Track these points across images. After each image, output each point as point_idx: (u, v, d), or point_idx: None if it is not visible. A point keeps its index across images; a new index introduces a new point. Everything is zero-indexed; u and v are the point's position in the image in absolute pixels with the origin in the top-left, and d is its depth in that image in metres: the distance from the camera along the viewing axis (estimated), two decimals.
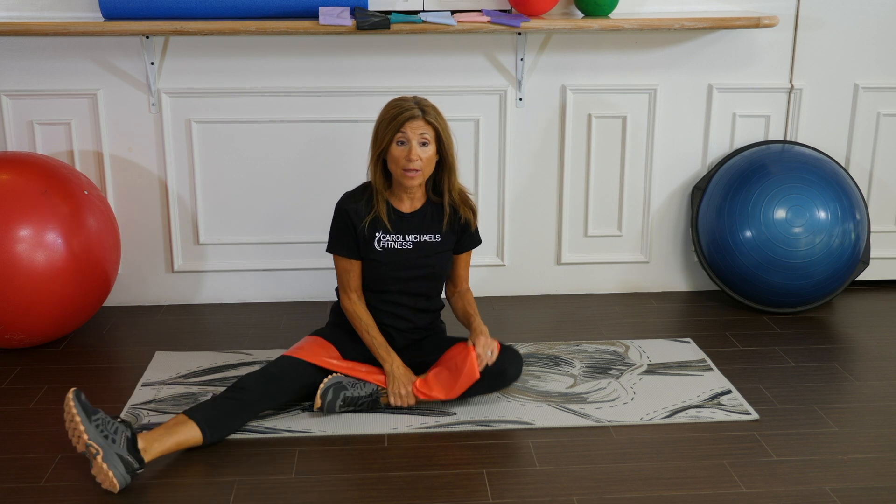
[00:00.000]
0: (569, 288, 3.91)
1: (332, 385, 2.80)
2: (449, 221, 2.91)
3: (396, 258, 2.88)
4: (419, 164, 2.76)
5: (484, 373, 2.80)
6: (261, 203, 3.70)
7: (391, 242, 2.88)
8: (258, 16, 3.40)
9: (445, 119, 2.84)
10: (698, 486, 2.48)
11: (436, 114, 2.80)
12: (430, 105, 2.81)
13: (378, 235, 2.87)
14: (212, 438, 2.61)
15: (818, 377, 3.14)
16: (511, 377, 2.88)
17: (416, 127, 2.76)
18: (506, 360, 2.85)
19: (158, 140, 3.62)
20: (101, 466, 2.39)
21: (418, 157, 2.76)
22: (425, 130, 2.77)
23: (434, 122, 2.78)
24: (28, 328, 3.18)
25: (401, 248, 2.88)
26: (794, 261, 3.56)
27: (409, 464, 2.59)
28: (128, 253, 3.70)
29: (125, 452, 2.43)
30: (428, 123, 2.77)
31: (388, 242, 2.87)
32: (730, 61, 3.73)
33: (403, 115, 2.77)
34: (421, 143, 2.77)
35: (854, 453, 2.65)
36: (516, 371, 2.88)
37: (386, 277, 2.89)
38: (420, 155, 2.76)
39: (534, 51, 3.64)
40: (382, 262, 2.88)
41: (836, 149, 3.87)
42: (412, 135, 2.76)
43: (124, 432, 2.46)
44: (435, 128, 2.78)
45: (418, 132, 2.76)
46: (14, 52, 3.49)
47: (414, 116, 2.77)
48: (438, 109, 2.83)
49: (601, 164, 3.79)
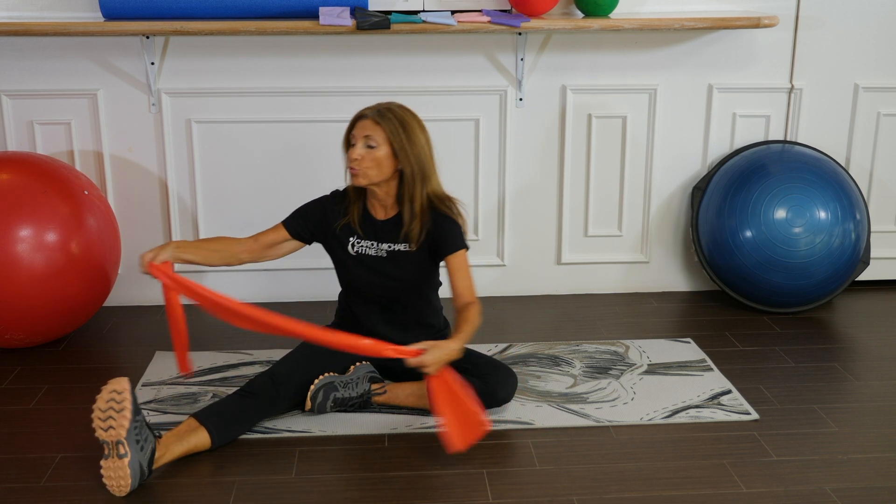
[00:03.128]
0: (569, 288, 3.91)
1: (322, 386, 2.80)
2: (417, 231, 2.78)
3: (370, 264, 2.83)
4: (360, 163, 2.69)
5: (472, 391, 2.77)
6: (261, 203, 3.70)
7: (365, 248, 2.84)
8: (258, 16, 3.40)
9: (417, 128, 2.72)
10: (698, 486, 2.48)
11: (395, 118, 2.69)
12: (395, 111, 2.71)
13: (352, 240, 2.84)
14: (220, 443, 2.62)
15: (818, 377, 3.14)
16: (502, 399, 2.82)
17: (362, 127, 2.70)
18: (498, 381, 2.80)
19: (158, 140, 3.62)
20: (123, 469, 2.37)
21: (359, 156, 2.68)
22: (371, 132, 2.68)
23: (386, 124, 2.68)
24: (28, 328, 3.18)
25: (375, 255, 2.82)
26: (795, 261, 3.56)
27: (409, 464, 2.59)
28: (128, 253, 3.70)
29: (146, 463, 2.43)
30: (377, 124, 2.68)
31: (362, 248, 2.84)
32: (730, 61, 3.73)
33: (355, 116, 2.74)
34: (367, 144, 2.69)
35: (854, 453, 2.65)
36: (507, 393, 2.82)
37: (361, 282, 2.87)
38: (362, 154, 2.68)
39: (534, 51, 3.64)
40: (356, 266, 2.86)
41: (836, 149, 3.87)
42: (358, 134, 2.71)
43: (151, 444, 2.46)
44: (387, 130, 2.68)
45: (364, 132, 2.69)
46: (14, 52, 3.49)
47: (362, 116, 2.72)
48: (407, 117, 2.72)
49: (601, 164, 3.79)
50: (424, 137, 2.74)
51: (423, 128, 2.76)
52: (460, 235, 2.79)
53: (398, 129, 2.69)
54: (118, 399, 2.39)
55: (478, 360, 2.85)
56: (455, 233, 2.78)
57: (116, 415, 2.37)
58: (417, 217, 2.76)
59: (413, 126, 2.72)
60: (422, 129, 2.75)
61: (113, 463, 2.38)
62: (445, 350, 2.54)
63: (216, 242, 2.86)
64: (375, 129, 2.69)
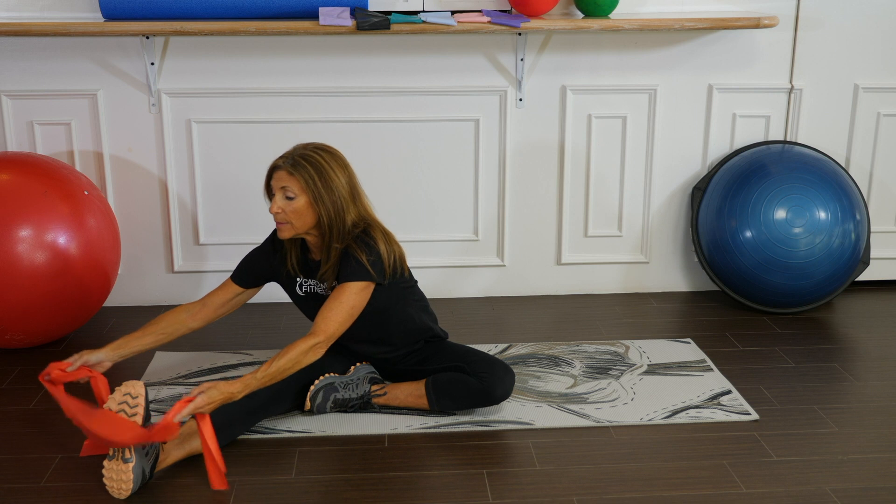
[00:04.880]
0: (569, 288, 3.91)
1: (322, 387, 2.80)
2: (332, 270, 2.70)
3: (319, 302, 2.78)
4: (282, 216, 2.63)
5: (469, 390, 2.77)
6: (261, 203, 3.69)
7: (313, 287, 2.82)
8: (258, 16, 3.40)
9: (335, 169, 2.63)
10: (698, 487, 2.48)
11: (310, 165, 2.60)
12: (309, 158, 2.62)
13: (299, 280, 2.83)
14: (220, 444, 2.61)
15: (818, 377, 3.14)
16: (499, 397, 2.80)
17: (279, 178, 2.63)
18: (495, 379, 2.78)
19: (158, 140, 3.62)
20: (126, 473, 2.37)
21: (280, 209, 2.62)
22: (287, 183, 2.61)
23: (300, 174, 2.60)
24: (28, 328, 3.18)
25: (322, 293, 2.80)
26: (795, 261, 3.56)
27: (409, 464, 2.59)
28: (128, 253, 3.70)
29: (148, 468, 2.43)
30: (291, 175, 2.61)
31: (310, 287, 2.82)
32: (730, 61, 3.73)
33: (271, 166, 2.67)
34: (285, 196, 2.62)
35: (854, 453, 2.65)
36: (504, 391, 2.80)
37: None
38: (283, 207, 2.62)
39: (534, 51, 3.64)
40: (307, 305, 2.85)
41: (836, 149, 3.87)
42: (275, 186, 2.64)
43: (156, 450, 2.46)
44: (302, 180, 2.60)
45: (280, 184, 2.63)
46: (14, 52, 3.49)
47: (277, 167, 2.64)
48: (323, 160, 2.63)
49: (601, 164, 3.79)
50: (344, 176, 2.66)
51: (343, 164, 2.68)
52: (353, 270, 2.64)
53: (313, 176, 2.61)
54: (131, 403, 2.39)
55: (474, 357, 2.85)
56: (349, 267, 2.65)
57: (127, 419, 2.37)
58: (331, 258, 2.69)
59: (329, 170, 2.63)
60: (341, 167, 2.67)
61: (116, 465, 2.38)
62: (220, 392, 2.44)
63: (161, 323, 2.81)
64: (291, 180, 2.62)
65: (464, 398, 2.79)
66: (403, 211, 3.74)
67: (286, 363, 2.54)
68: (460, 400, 2.79)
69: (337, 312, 2.62)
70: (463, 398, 2.79)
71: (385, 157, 3.68)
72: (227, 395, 2.46)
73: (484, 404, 2.81)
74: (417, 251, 3.76)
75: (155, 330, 2.81)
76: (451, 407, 2.81)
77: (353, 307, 2.65)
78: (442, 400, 2.80)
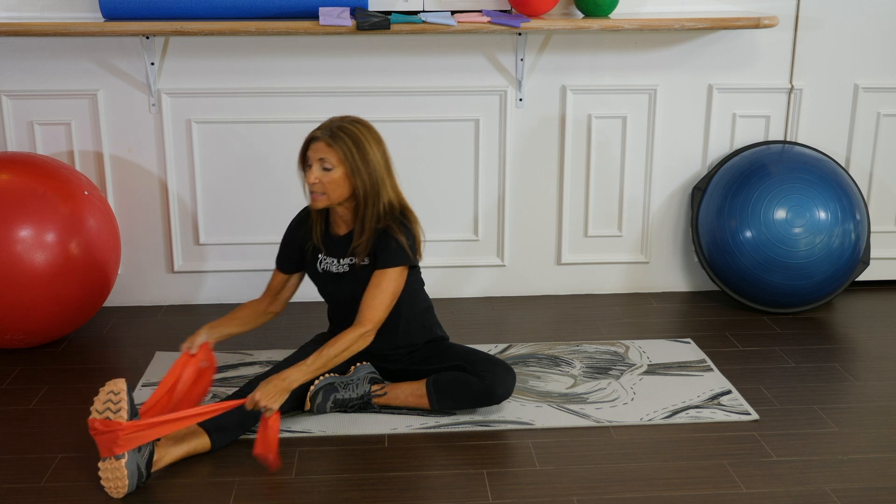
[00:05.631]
0: (569, 288, 3.91)
1: (322, 387, 2.80)
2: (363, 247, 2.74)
3: (333, 280, 2.82)
4: (319, 187, 2.67)
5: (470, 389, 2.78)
6: (261, 203, 3.70)
7: (329, 265, 2.83)
8: (258, 16, 3.40)
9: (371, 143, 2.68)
10: (698, 487, 2.48)
11: (347, 138, 2.65)
12: (347, 129, 2.67)
13: (319, 257, 2.85)
14: (220, 445, 2.62)
15: (818, 377, 3.14)
16: (500, 396, 2.80)
17: (316, 149, 2.67)
18: (496, 378, 2.78)
19: (158, 140, 3.62)
20: (119, 470, 2.37)
21: (317, 179, 2.66)
22: (325, 155, 2.65)
23: (339, 145, 2.64)
24: (28, 328, 3.18)
25: (337, 271, 2.82)
26: (795, 261, 3.56)
27: (409, 464, 2.59)
28: (128, 253, 3.70)
29: (143, 465, 2.43)
30: (330, 147, 2.65)
31: (326, 265, 2.84)
32: (730, 61, 3.73)
33: (308, 137, 2.71)
34: (322, 167, 2.66)
35: (854, 453, 2.65)
36: (505, 391, 2.80)
37: (331, 298, 2.90)
38: (320, 178, 2.66)
39: (534, 51, 3.64)
40: (321, 282, 2.87)
41: (836, 149, 3.87)
42: (313, 157, 2.68)
43: (149, 446, 2.46)
44: (340, 151, 2.65)
45: (318, 155, 2.66)
46: (14, 52, 3.49)
47: (315, 138, 2.68)
48: (360, 133, 2.67)
49: (601, 164, 3.79)
50: (380, 152, 2.70)
51: (379, 141, 2.72)
52: (393, 253, 2.71)
53: (352, 148, 2.65)
54: (115, 400, 2.40)
55: (475, 357, 2.85)
56: (389, 249, 2.71)
57: (113, 416, 2.38)
58: (366, 233, 2.73)
59: (366, 143, 2.67)
60: (377, 141, 2.71)
61: (110, 464, 2.38)
62: (281, 382, 2.55)
63: (243, 311, 2.92)
64: (329, 152, 2.65)
65: (465, 398, 2.79)
66: None
67: (336, 351, 2.65)
68: (461, 399, 2.80)
69: (380, 300, 2.71)
70: (464, 398, 2.79)
71: None
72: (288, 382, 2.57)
73: (485, 404, 2.81)
74: None
75: (239, 317, 2.90)
76: (451, 407, 2.81)
77: (394, 292, 2.74)
78: (443, 400, 2.80)
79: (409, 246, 2.73)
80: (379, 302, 2.71)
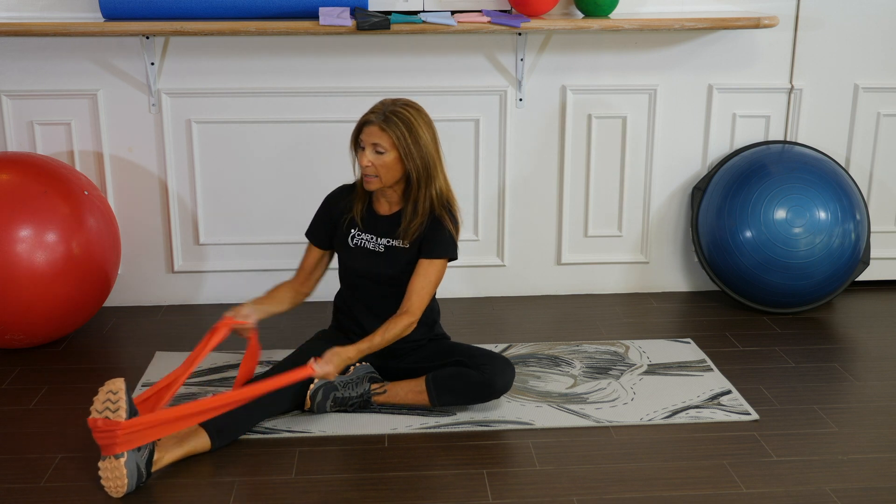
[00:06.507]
0: (569, 288, 3.91)
1: (322, 386, 2.80)
2: (415, 230, 2.80)
3: (366, 257, 2.86)
4: (372, 170, 2.73)
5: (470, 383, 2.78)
6: (261, 203, 3.70)
7: (364, 241, 2.86)
8: (258, 16, 3.40)
9: (422, 126, 2.73)
10: (698, 486, 2.48)
11: (400, 122, 2.70)
12: (400, 114, 2.71)
13: (353, 232, 2.88)
14: (220, 445, 2.62)
15: (818, 377, 3.14)
16: (500, 389, 2.81)
17: (370, 133, 2.72)
18: (495, 371, 2.79)
19: (158, 140, 3.62)
20: (119, 469, 2.38)
21: (370, 162, 2.72)
22: (378, 140, 2.71)
23: (392, 130, 2.70)
24: (28, 328, 3.18)
25: (373, 248, 2.85)
26: (795, 261, 3.56)
27: (409, 464, 2.59)
28: (128, 253, 3.70)
29: (143, 464, 2.43)
30: (383, 131, 2.70)
31: (361, 240, 2.87)
32: (730, 61, 3.73)
33: (361, 120, 2.76)
34: (375, 150, 2.72)
35: (854, 453, 2.65)
36: (505, 383, 2.81)
37: (356, 274, 2.90)
38: (373, 161, 2.72)
39: (534, 51, 3.64)
40: (352, 258, 2.88)
41: (836, 149, 3.87)
42: (366, 141, 2.73)
43: (149, 446, 2.46)
44: (393, 136, 2.70)
45: (371, 139, 2.71)
46: (14, 52, 3.49)
47: (368, 122, 2.73)
48: (412, 117, 2.72)
49: (601, 164, 3.79)
50: (430, 134, 2.77)
51: (429, 123, 2.78)
52: (444, 244, 2.81)
53: (404, 133, 2.71)
54: (113, 399, 2.40)
55: (474, 351, 2.86)
56: (441, 240, 2.80)
57: (112, 415, 2.38)
58: (419, 216, 2.79)
59: (418, 127, 2.73)
60: (428, 125, 2.77)
61: (110, 464, 2.38)
62: (341, 356, 2.69)
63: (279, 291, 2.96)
64: (382, 136, 2.71)
65: (464, 392, 2.79)
66: None
67: (390, 337, 2.75)
68: (461, 394, 2.80)
69: (428, 291, 2.80)
70: (464, 392, 2.79)
71: None
72: (345, 359, 2.68)
73: (485, 397, 2.82)
74: None
75: (277, 297, 2.94)
76: (451, 402, 2.81)
77: (438, 283, 2.84)
78: (443, 394, 2.80)
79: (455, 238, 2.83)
80: (427, 292, 2.79)
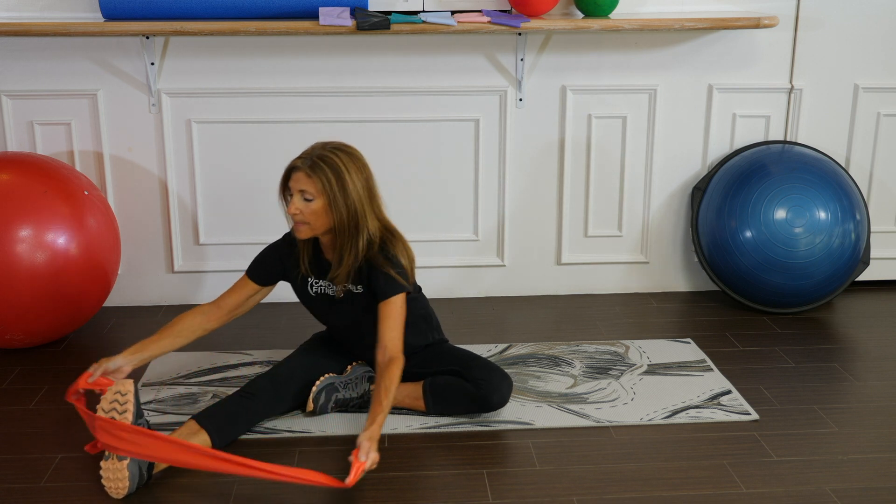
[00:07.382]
0: (569, 288, 3.91)
1: (324, 388, 2.80)
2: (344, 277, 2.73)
3: (330, 304, 2.81)
4: (300, 217, 2.64)
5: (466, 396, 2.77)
6: (261, 203, 3.70)
7: (324, 288, 2.81)
8: (258, 16, 3.40)
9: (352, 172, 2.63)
10: (698, 487, 2.48)
11: (327, 168, 2.60)
12: (327, 159, 2.61)
13: (310, 280, 2.82)
14: (220, 445, 2.61)
15: (818, 377, 3.14)
16: (496, 404, 2.79)
17: (297, 180, 2.63)
18: (492, 386, 2.77)
19: (158, 140, 3.62)
20: (121, 471, 2.37)
21: (297, 210, 2.63)
22: (305, 186, 2.61)
23: (319, 176, 2.60)
24: (28, 328, 3.18)
25: (333, 294, 2.80)
26: (795, 261, 3.56)
27: (409, 464, 2.59)
28: (128, 253, 3.70)
29: (145, 466, 2.43)
30: (309, 178, 2.61)
31: (321, 287, 2.82)
32: (730, 61, 3.73)
33: (289, 165, 2.67)
34: (303, 198, 2.63)
35: (854, 453, 2.65)
36: (502, 398, 2.79)
37: (328, 322, 2.90)
38: (301, 208, 2.63)
39: (534, 51, 3.64)
40: (314, 305, 2.86)
41: (836, 149, 3.87)
42: (294, 187, 2.64)
43: None
44: (319, 182, 2.61)
45: (299, 186, 2.62)
46: (14, 52, 3.49)
47: (295, 168, 2.64)
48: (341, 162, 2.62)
49: (601, 165, 3.79)
50: (360, 179, 2.66)
51: (361, 167, 2.67)
52: (390, 283, 2.69)
53: (331, 179, 2.61)
54: (121, 401, 2.40)
55: (472, 363, 2.83)
56: (385, 281, 2.69)
57: (118, 416, 2.38)
58: (344, 266, 2.70)
59: (346, 173, 2.63)
60: (358, 170, 2.66)
61: (112, 464, 2.38)
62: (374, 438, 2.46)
63: (176, 326, 2.80)
64: (309, 182, 2.62)
65: (460, 403, 2.79)
66: (403, 211, 3.73)
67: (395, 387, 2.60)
68: (456, 405, 2.80)
69: (398, 330, 2.69)
70: (459, 403, 2.79)
71: (385, 158, 3.67)
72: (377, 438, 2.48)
73: (480, 411, 2.81)
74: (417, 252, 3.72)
75: (171, 333, 2.79)
76: (446, 412, 2.81)
77: (404, 317, 2.71)
78: (438, 404, 2.80)
79: (398, 274, 2.69)
80: (397, 332, 2.69)
